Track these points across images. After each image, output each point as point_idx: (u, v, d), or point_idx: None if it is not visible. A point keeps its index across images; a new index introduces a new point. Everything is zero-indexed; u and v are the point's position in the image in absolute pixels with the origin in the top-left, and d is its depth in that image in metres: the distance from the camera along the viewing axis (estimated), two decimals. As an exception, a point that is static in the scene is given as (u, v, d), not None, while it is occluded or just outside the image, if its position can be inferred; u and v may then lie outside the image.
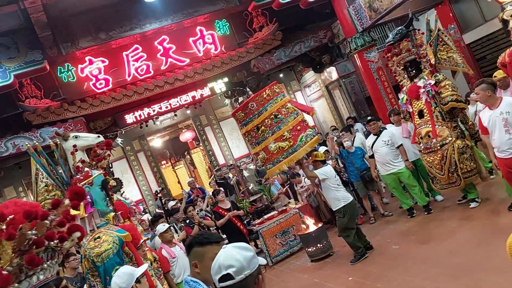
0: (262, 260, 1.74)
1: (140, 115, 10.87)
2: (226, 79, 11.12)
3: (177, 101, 10.99)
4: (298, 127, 5.37)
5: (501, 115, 4.54)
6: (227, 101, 12.65)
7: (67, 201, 3.44)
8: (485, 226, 5.21)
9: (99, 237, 3.55)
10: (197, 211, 7.84)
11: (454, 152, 5.95)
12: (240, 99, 11.46)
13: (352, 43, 11.06)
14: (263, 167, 5.94)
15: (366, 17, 10.72)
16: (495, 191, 6.23)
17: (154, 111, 11.01)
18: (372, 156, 7.02)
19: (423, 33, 6.17)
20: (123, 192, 9.79)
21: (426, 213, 6.57)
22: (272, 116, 5.32)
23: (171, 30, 10.71)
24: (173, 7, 10.44)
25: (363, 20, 10.84)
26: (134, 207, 5.37)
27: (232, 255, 1.67)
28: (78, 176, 4.18)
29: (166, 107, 11.01)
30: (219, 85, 11.05)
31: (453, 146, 5.96)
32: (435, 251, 5.10)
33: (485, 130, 4.75)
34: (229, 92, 11.49)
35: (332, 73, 12.64)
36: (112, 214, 4.02)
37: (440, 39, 6.13)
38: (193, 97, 11.06)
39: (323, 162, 6.13)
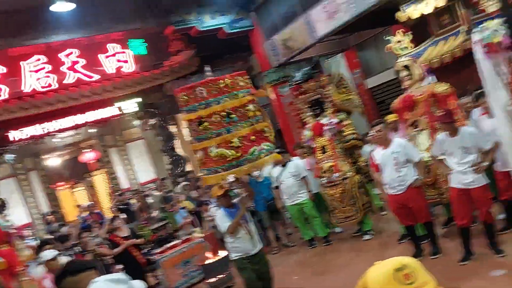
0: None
1: (37, 130, 9.98)
2: (138, 100, 10.75)
3: (81, 118, 10.31)
4: (253, 137, 4.13)
5: (392, 154, 4.90)
6: (136, 122, 12.20)
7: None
8: (377, 257, 5.41)
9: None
10: (92, 237, 7.26)
11: (354, 186, 6.33)
12: (152, 121, 11.14)
13: (267, 77, 11.46)
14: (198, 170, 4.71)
15: (281, 53, 11.23)
16: (386, 225, 6.68)
17: (54, 127, 10.20)
18: (277, 187, 7.14)
19: (327, 75, 6.62)
20: (5, 214, 8.76)
21: (325, 244, 6.80)
22: (224, 113, 4.00)
23: (81, 43, 10.17)
24: (85, 20, 9.93)
25: (278, 56, 11.33)
26: (15, 230, 4.73)
27: None
28: None
29: (68, 124, 10.26)
30: (130, 105, 10.64)
31: (353, 180, 6.35)
32: (332, 281, 5.26)
33: (378, 168, 5.09)
34: (140, 113, 11.11)
35: (246, 104, 12.89)
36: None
37: (341, 83, 6.64)
38: (100, 115, 10.47)
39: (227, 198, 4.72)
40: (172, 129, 12.26)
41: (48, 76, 9.81)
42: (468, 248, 4.56)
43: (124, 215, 8.65)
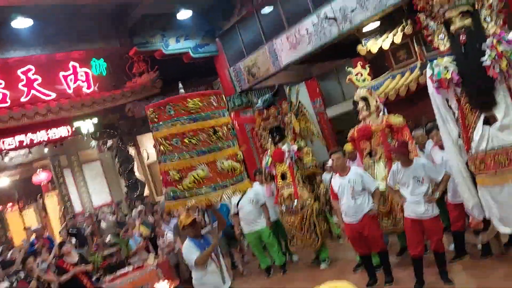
0: None
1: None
2: (96, 120, 10.46)
3: (35, 137, 9.88)
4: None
5: (349, 183, 4.97)
6: (93, 143, 11.84)
7: None
8: (332, 287, 5.46)
9: None
10: (38, 263, 6.84)
11: (313, 214, 6.33)
12: (109, 142, 10.84)
13: (231, 102, 11.52)
14: (192, 191, 3.58)
15: (245, 80, 11.35)
16: (343, 253, 6.70)
17: (5, 145, 9.71)
18: (236, 214, 7.04)
19: (287, 103, 6.71)
20: None
21: (281, 273, 6.71)
22: (230, 126, 3.79)
23: (39, 61, 9.85)
24: (46, 37, 9.65)
25: (242, 82, 11.44)
26: None
27: None
28: None
29: (21, 143, 9.80)
30: (87, 125, 10.32)
31: (312, 207, 6.35)
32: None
33: (336, 196, 5.14)
34: (98, 133, 10.80)
35: (209, 128, 12.87)
36: None
37: (300, 111, 6.75)
38: (55, 134, 10.09)
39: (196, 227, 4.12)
40: (131, 151, 11.98)
41: (1, 93, 9.40)
42: (420, 277, 4.62)
43: (74, 240, 8.26)
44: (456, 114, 4.42)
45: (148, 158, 13.20)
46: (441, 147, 4.96)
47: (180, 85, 4.06)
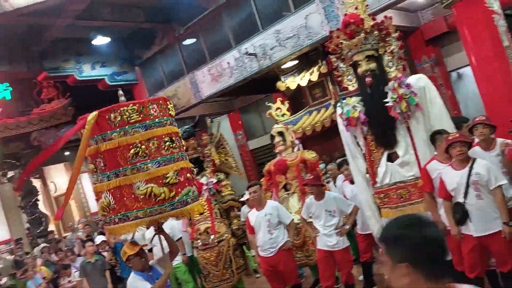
0: None
1: None
2: (-5, 149, 9.51)
3: None
4: (188, 174, 3.35)
5: (266, 216, 4.98)
6: (-9, 174, 10.71)
7: None
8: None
9: None
10: None
11: (230, 249, 6.20)
12: (10, 173, 9.86)
13: (149, 132, 11.18)
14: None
15: (165, 110, 11.13)
16: (260, 288, 6.63)
17: None
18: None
19: (208, 135, 6.66)
20: None
21: (197, 311, 6.43)
22: (167, 138, 3.24)
23: None
24: None
25: (161, 112, 11.20)
26: None
27: None
28: None
29: None
30: (-16, 154, 9.34)
31: (229, 242, 6.23)
32: None
33: (252, 230, 5.10)
34: (-3, 164, 9.81)
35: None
36: None
37: (220, 143, 6.73)
38: None
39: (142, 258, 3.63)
40: (36, 183, 10.99)
41: None
42: (332, 309, 4.69)
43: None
44: (364, 151, 4.68)
45: (56, 191, 12.22)
46: (351, 181, 5.19)
47: (121, 92, 3.66)
